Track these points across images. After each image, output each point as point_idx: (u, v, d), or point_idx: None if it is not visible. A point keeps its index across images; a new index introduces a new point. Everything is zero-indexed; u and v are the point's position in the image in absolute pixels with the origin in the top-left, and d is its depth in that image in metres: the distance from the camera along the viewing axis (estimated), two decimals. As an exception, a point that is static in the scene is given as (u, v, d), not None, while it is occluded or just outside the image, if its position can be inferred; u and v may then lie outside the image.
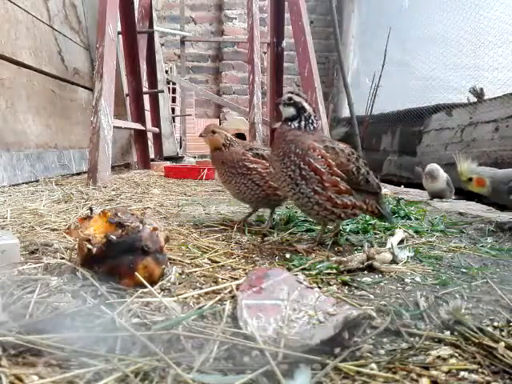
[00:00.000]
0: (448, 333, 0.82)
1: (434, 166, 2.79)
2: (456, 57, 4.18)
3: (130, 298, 0.91)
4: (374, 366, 0.70)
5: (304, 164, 1.36)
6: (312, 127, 1.44)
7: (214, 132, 1.80)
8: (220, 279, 1.09)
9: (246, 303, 0.88)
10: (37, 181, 2.81)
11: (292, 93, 1.46)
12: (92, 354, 0.69)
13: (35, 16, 3.05)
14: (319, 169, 1.37)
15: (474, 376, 0.68)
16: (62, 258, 1.16)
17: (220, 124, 7.93)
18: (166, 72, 6.56)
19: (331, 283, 1.10)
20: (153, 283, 0.99)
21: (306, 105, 1.44)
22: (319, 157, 1.37)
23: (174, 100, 7.14)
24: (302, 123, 1.43)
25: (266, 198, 1.78)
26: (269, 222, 1.80)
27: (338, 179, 1.39)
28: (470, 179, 1.73)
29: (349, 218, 1.52)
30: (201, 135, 1.84)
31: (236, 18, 7.80)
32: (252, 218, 1.95)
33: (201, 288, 1.03)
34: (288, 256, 1.34)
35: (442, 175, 2.75)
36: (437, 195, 2.80)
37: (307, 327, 0.80)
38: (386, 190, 3.00)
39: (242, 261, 1.29)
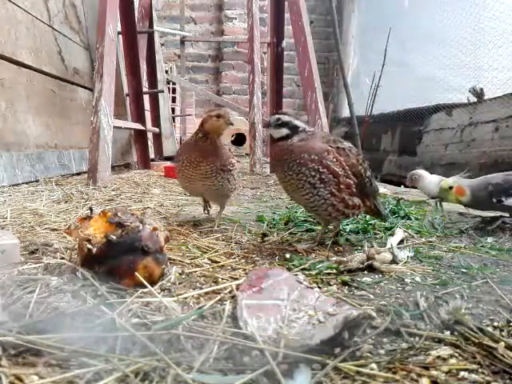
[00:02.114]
0: (448, 333, 0.82)
1: (417, 171, 2.75)
2: (456, 57, 4.18)
3: (130, 298, 0.91)
4: (374, 365, 0.70)
5: (323, 168, 1.39)
6: (310, 133, 1.45)
7: None
8: (220, 279, 1.09)
9: (245, 303, 0.88)
10: (37, 181, 2.81)
11: (280, 113, 1.48)
12: (92, 354, 0.69)
13: (35, 16, 3.05)
14: (337, 171, 1.40)
15: (473, 376, 0.68)
16: (62, 258, 1.16)
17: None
18: (166, 72, 6.56)
19: (331, 283, 1.10)
20: (153, 283, 0.99)
21: (297, 122, 1.45)
22: (334, 160, 1.41)
23: (174, 100, 7.15)
24: (302, 135, 1.44)
25: None
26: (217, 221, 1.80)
27: (351, 182, 1.43)
28: (451, 188, 1.76)
29: (353, 217, 1.57)
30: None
31: (236, 18, 7.81)
32: (253, 217, 1.95)
33: (201, 288, 1.03)
34: (288, 256, 1.33)
35: (430, 184, 2.72)
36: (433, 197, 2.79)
37: (307, 327, 0.80)
38: (386, 190, 3.00)
39: (242, 261, 1.29)
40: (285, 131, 1.44)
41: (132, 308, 0.87)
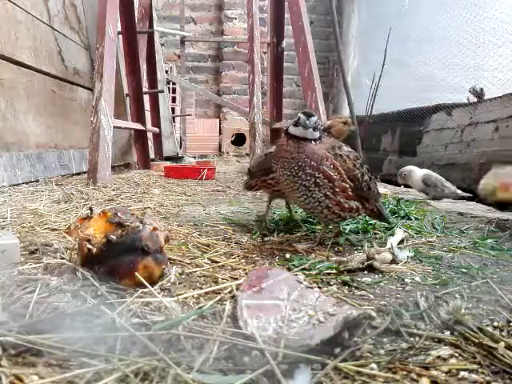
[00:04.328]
0: (448, 333, 0.82)
1: (405, 168, 2.79)
2: (456, 57, 4.18)
3: (130, 298, 0.91)
4: (374, 365, 0.70)
5: (319, 173, 1.41)
6: (322, 137, 1.47)
7: None
8: (220, 279, 1.09)
9: (245, 303, 0.88)
10: (37, 181, 2.81)
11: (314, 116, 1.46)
12: (92, 354, 0.69)
13: (35, 16, 3.05)
14: (332, 176, 1.42)
15: (473, 376, 0.68)
16: (62, 258, 1.16)
17: (220, 124, 7.95)
18: (166, 72, 6.57)
19: (331, 283, 1.10)
20: (153, 283, 0.99)
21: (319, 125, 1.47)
22: (331, 166, 1.43)
23: (174, 100, 7.15)
24: (318, 139, 1.46)
25: None
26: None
27: (347, 186, 1.44)
28: (494, 189, 1.68)
29: (352, 219, 1.59)
30: None
31: (236, 18, 7.81)
32: (253, 217, 1.95)
33: (201, 288, 1.03)
34: (288, 256, 1.33)
35: (417, 178, 2.74)
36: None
37: (307, 327, 0.80)
38: (386, 189, 3.00)
39: (242, 261, 1.29)
40: (317, 135, 1.44)
41: (132, 308, 0.87)
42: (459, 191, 2.74)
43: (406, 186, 3.18)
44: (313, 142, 1.42)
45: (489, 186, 1.68)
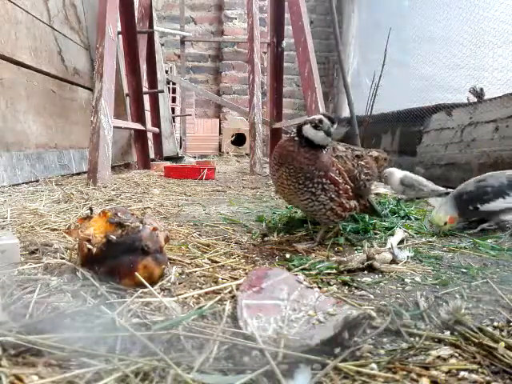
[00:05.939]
0: (448, 333, 0.82)
1: (386, 170, 2.75)
2: (456, 57, 4.18)
3: (130, 298, 0.91)
4: (374, 365, 0.70)
5: (326, 179, 1.42)
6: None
7: None
8: (220, 279, 1.09)
9: (246, 303, 0.88)
10: (37, 181, 2.81)
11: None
12: (92, 354, 0.69)
13: (35, 16, 3.05)
14: (337, 180, 1.44)
15: (473, 376, 0.68)
16: (62, 258, 1.16)
17: (220, 124, 7.95)
18: (166, 72, 6.57)
19: (331, 283, 1.10)
20: (153, 283, 0.99)
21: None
22: (337, 171, 1.45)
23: (174, 100, 7.15)
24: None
25: None
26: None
27: (349, 187, 1.47)
28: (445, 223, 1.72)
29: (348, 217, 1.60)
30: None
31: (236, 18, 7.81)
32: (253, 217, 1.95)
33: (201, 288, 1.03)
34: (288, 256, 1.33)
35: (395, 180, 2.69)
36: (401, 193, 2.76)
37: (307, 327, 0.80)
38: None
39: (242, 261, 1.29)
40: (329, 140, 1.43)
41: (132, 308, 0.87)
42: (442, 188, 2.69)
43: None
44: (324, 151, 1.41)
45: (441, 223, 1.72)
